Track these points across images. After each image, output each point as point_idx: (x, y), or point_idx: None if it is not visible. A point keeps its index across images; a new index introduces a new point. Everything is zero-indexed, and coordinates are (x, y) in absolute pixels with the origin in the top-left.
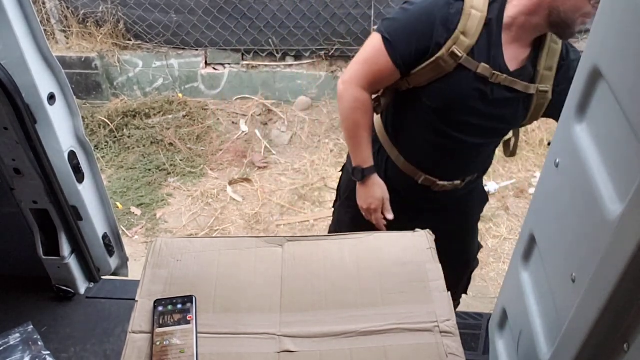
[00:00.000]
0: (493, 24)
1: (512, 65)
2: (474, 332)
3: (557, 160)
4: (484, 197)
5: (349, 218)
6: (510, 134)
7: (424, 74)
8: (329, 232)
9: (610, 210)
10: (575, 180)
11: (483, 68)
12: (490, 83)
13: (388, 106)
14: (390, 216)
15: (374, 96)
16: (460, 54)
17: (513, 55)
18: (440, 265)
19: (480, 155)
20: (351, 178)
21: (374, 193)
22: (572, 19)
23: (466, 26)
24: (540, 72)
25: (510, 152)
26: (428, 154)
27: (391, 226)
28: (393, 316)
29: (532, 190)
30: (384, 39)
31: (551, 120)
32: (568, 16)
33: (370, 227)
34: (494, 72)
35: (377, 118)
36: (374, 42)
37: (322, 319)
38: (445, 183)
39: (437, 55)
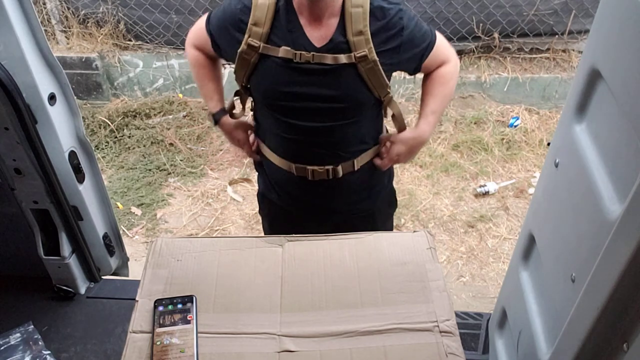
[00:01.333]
0: (283, 9)
1: (318, 43)
2: (473, 331)
3: (557, 160)
4: (389, 200)
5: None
6: (391, 110)
7: (239, 70)
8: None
9: (609, 210)
10: (575, 180)
11: (284, 51)
12: (296, 64)
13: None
14: (256, 157)
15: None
16: (256, 44)
17: (318, 34)
18: (440, 265)
19: (333, 137)
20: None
21: (233, 134)
22: None
23: (256, 16)
24: (351, 39)
25: (398, 127)
26: (282, 142)
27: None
28: (393, 316)
29: (531, 190)
30: (207, 28)
31: (551, 120)
32: None
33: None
34: (296, 52)
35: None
36: (201, 27)
37: (322, 319)
38: (316, 168)
39: (239, 50)
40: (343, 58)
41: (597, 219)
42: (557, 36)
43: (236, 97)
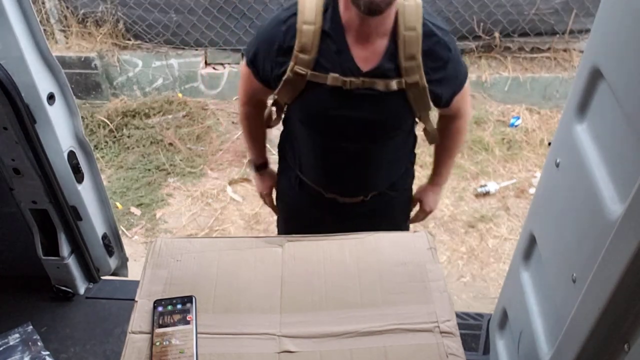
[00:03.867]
0: (331, 32)
1: (365, 66)
2: (474, 332)
3: (558, 160)
4: (405, 207)
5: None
6: (424, 125)
7: (284, 92)
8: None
9: (610, 210)
10: (576, 180)
11: (333, 79)
12: (346, 90)
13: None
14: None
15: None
16: (304, 72)
17: (364, 56)
18: (440, 265)
19: (372, 163)
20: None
21: (264, 182)
22: None
23: (302, 43)
24: (402, 64)
25: (430, 140)
26: (317, 168)
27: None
28: (393, 316)
29: (532, 190)
30: (247, 63)
31: (552, 120)
32: None
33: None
34: (345, 79)
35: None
36: (243, 68)
37: (322, 319)
38: (347, 200)
39: (284, 78)
40: (394, 84)
41: (598, 219)
42: (558, 35)
43: (273, 107)
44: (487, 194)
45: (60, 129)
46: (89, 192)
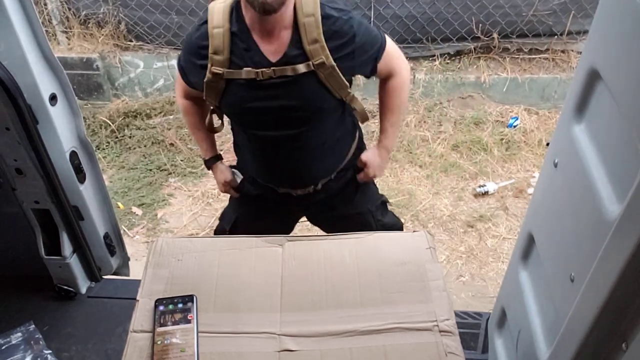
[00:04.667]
0: (238, 32)
1: (274, 57)
2: (473, 331)
3: (556, 161)
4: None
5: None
6: (354, 106)
7: (209, 94)
8: None
9: (608, 210)
10: (574, 181)
11: (247, 72)
12: (260, 81)
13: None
14: (235, 195)
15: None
16: (220, 71)
17: (272, 49)
18: (439, 265)
19: (308, 149)
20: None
21: (218, 178)
22: None
23: (214, 45)
24: (307, 48)
25: (361, 119)
26: (261, 164)
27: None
28: (393, 316)
29: (531, 190)
30: (178, 67)
31: (550, 121)
32: None
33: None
34: (257, 70)
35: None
36: (177, 72)
37: (322, 319)
38: (299, 192)
39: (205, 80)
40: (302, 67)
41: (596, 219)
42: (556, 37)
43: (214, 114)
44: (485, 194)
45: (62, 129)
46: (90, 192)
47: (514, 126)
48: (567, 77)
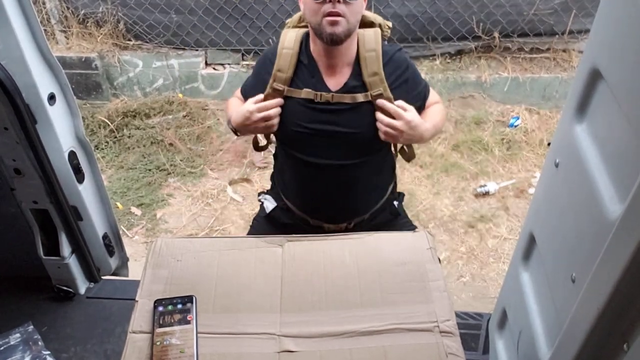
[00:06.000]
0: (304, 58)
1: (335, 87)
2: (473, 332)
3: (557, 161)
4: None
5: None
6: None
7: None
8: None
9: (610, 210)
10: (575, 181)
11: (306, 92)
12: (317, 103)
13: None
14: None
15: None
16: (281, 87)
17: (334, 82)
18: (440, 265)
19: (352, 184)
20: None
21: (242, 112)
22: (316, 22)
23: (280, 64)
24: (367, 80)
25: (407, 157)
26: (301, 193)
27: None
28: (393, 316)
29: (532, 191)
30: (241, 91)
31: (551, 121)
32: (311, 21)
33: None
34: (317, 92)
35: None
36: (237, 92)
37: (322, 319)
38: (332, 226)
39: (265, 93)
40: (360, 97)
41: (598, 219)
42: (557, 36)
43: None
44: (486, 194)
45: (60, 129)
46: (89, 192)
47: (515, 126)
48: (568, 76)
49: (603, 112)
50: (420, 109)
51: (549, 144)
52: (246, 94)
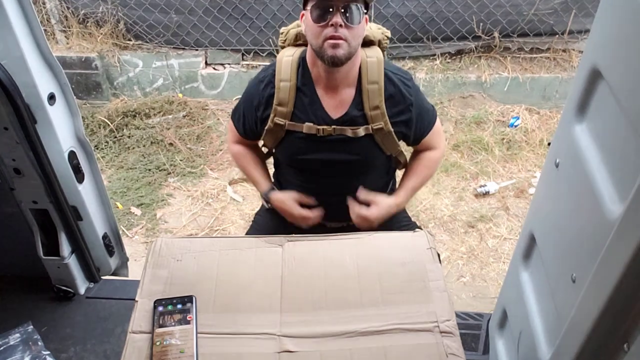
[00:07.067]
0: (303, 87)
1: (335, 114)
2: (474, 332)
3: (557, 160)
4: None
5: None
6: (400, 160)
7: (268, 139)
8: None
9: (610, 210)
10: (576, 180)
11: (308, 127)
12: (320, 137)
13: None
14: (312, 201)
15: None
16: (282, 122)
17: (334, 104)
18: (440, 265)
19: (353, 193)
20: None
21: (285, 207)
22: (317, 45)
23: (280, 98)
24: (368, 113)
25: (402, 165)
26: (301, 192)
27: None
28: (393, 316)
29: (532, 190)
30: (232, 118)
31: (551, 120)
32: (313, 43)
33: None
34: (319, 127)
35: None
36: (230, 120)
37: (322, 319)
38: (333, 224)
39: (266, 128)
40: (361, 131)
41: (598, 219)
42: (557, 36)
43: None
44: (486, 194)
45: (60, 129)
46: (89, 192)
47: (515, 126)
48: (568, 76)
49: (603, 112)
50: (414, 142)
51: (549, 144)
52: (240, 126)
